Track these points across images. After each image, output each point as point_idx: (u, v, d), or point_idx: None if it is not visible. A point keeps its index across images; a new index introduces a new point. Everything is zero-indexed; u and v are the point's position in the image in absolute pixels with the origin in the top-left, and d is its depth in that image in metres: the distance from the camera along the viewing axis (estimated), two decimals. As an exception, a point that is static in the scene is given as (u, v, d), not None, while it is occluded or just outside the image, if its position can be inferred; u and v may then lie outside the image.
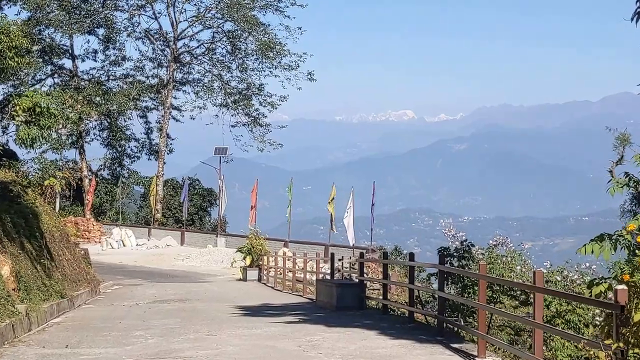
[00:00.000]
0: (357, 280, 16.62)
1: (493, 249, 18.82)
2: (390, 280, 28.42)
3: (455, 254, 14.17)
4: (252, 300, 19.03)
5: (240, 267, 29.53)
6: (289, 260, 24.65)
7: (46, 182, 27.70)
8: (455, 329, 11.72)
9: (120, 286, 26.08)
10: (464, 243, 14.49)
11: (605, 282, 7.38)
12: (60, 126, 30.02)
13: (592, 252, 7.58)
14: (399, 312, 15.05)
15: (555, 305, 19.22)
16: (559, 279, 19.79)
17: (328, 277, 19.76)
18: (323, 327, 12.44)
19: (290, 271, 23.52)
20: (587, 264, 21.06)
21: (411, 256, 13.01)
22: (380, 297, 15.42)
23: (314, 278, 21.65)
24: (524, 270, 20.88)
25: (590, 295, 7.50)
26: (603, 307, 6.96)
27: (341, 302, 15.37)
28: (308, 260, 22.99)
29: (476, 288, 13.25)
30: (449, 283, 13.85)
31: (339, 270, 20.41)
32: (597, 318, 19.20)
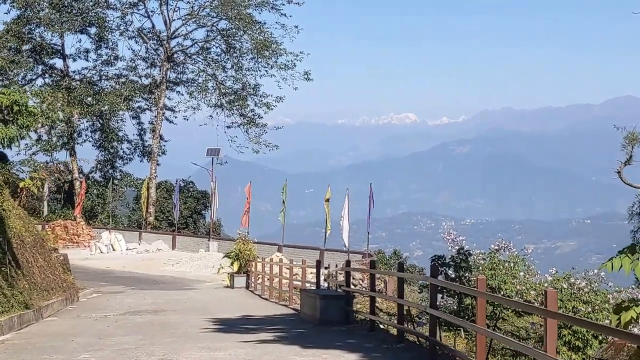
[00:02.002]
0: (342, 290, 15.03)
1: (495, 254, 17.30)
2: (386, 287, 26.91)
3: (451, 263, 12.51)
4: (232, 312, 17.51)
5: (228, 273, 27.99)
6: (276, 266, 23.15)
7: (21, 184, 26.17)
8: (450, 353, 10.15)
9: (100, 294, 24.66)
10: (461, 251, 12.83)
11: (638, 306, 5.80)
12: (40, 125, 28.58)
13: (621, 267, 5.99)
14: (389, 328, 13.46)
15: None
16: (565, 286, 18.31)
17: (315, 286, 18.15)
18: (298, 348, 10.86)
19: (277, 278, 21.96)
20: (595, 271, 19.55)
21: (400, 266, 11.30)
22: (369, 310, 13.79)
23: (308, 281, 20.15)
24: (527, 276, 19.35)
25: (618, 324, 5.92)
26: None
27: (325, 316, 13.78)
28: (295, 266, 21.44)
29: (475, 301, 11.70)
30: (445, 295, 12.22)
31: (326, 280, 18.79)
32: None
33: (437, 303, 10.64)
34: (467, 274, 12.53)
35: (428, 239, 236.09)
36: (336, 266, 22.67)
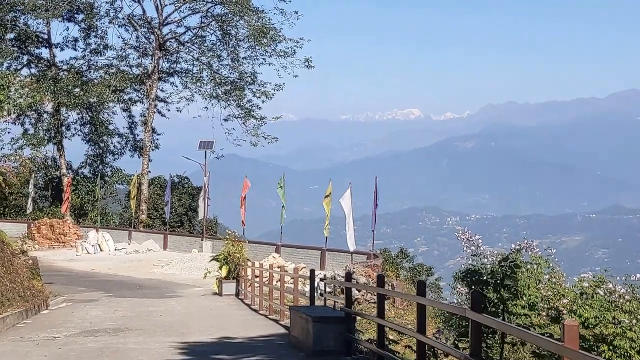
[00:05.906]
0: (341, 309, 11.90)
1: (516, 254, 14.58)
2: (391, 310, 23.74)
3: (489, 280, 9.20)
4: (211, 331, 14.48)
5: (216, 278, 24.92)
6: (266, 272, 20.15)
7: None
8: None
9: (71, 302, 21.76)
10: (504, 263, 9.48)
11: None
12: (7, 113, 25.71)
13: None
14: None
15: (599, 327, 14.94)
16: (601, 293, 15.50)
17: (316, 298, 15.00)
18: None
19: (267, 287, 18.92)
20: (638, 276, 16.83)
21: (420, 287, 7.91)
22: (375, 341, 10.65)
23: (305, 290, 17.25)
24: (552, 280, 16.72)
25: None
26: None
27: (319, 344, 10.69)
28: (287, 274, 18.39)
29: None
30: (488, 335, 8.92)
31: (322, 295, 15.69)
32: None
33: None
34: (512, 296, 9.28)
35: (433, 235, 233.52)
36: (333, 278, 19.48)
